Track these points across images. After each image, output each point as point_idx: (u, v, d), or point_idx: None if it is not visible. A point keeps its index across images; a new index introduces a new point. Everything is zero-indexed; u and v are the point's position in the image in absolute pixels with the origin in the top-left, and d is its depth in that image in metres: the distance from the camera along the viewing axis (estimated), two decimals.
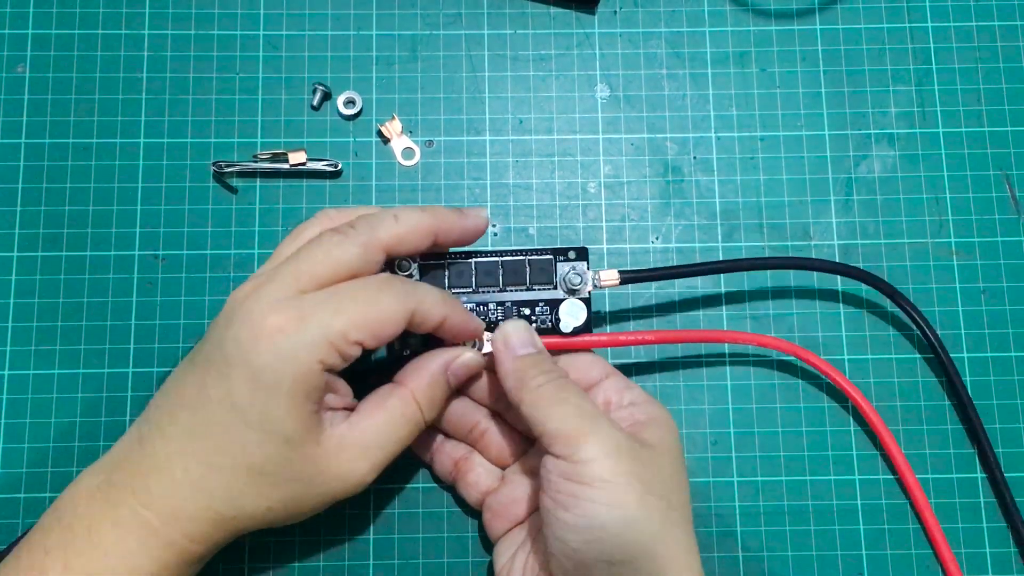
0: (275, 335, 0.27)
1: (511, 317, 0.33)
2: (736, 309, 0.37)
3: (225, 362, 0.28)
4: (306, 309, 0.28)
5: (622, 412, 0.31)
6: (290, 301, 0.28)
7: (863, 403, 0.35)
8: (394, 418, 0.30)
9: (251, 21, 0.39)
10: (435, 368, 0.31)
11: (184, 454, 0.28)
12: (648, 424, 0.31)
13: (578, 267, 0.34)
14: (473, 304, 0.33)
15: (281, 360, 0.27)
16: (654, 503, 0.28)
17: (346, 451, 0.29)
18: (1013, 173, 0.38)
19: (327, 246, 0.29)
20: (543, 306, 0.34)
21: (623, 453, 0.28)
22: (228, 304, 0.29)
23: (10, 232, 0.37)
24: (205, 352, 0.29)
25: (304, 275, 0.28)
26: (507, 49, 0.39)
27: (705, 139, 0.39)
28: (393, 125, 0.38)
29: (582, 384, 0.32)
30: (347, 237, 0.29)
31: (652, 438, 0.30)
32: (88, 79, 0.38)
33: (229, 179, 0.38)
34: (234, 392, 0.28)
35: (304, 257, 0.29)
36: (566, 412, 0.29)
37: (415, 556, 0.35)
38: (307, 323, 0.27)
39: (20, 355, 0.36)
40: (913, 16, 0.40)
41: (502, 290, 0.34)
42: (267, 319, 0.27)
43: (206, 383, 0.28)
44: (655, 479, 0.28)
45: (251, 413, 0.28)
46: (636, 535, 0.27)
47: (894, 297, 0.36)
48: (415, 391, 0.31)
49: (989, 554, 0.35)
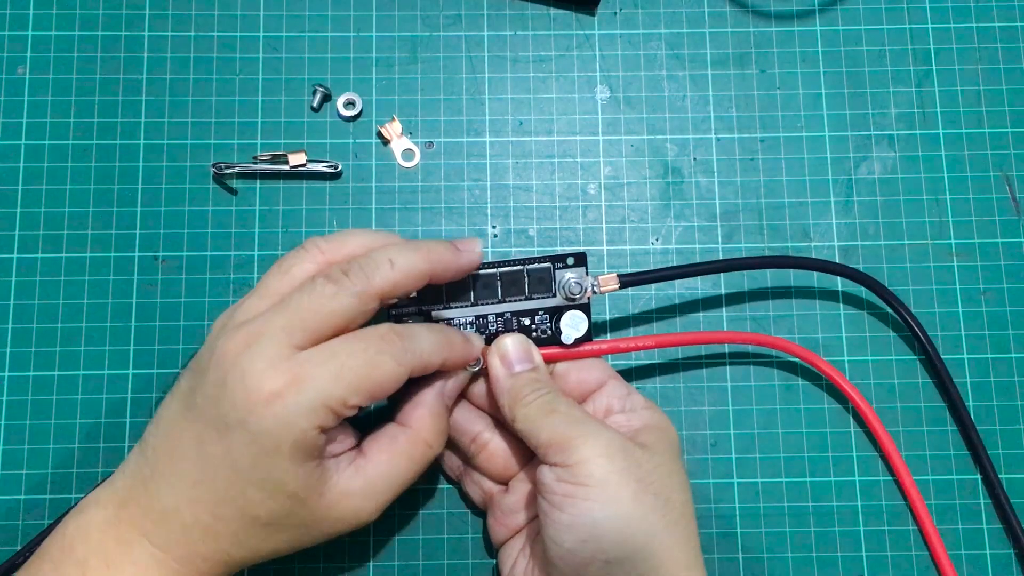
0: (273, 401, 0.27)
1: (511, 330, 0.33)
2: (736, 310, 0.37)
3: (223, 423, 0.27)
4: (303, 372, 0.27)
5: (620, 417, 0.32)
6: (286, 362, 0.27)
7: (863, 405, 0.35)
8: (402, 461, 0.30)
9: (251, 23, 0.39)
10: (434, 401, 0.31)
11: (191, 504, 0.28)
12: (644, 429, 0.31)
13: (577, 274, 0.33)
14: (472, 317, 0.33)
15: (279, 426, 0.27)
16: (650, 501, 0.28)
17: (352, 498, 0.29)
18: (1013, 174, 0.38)
19: (321, 298, 0.28)
20: (543, 315, 0.33)
21: (616, 453, 0.28)
22: (219, 353, 0.28)
23: (10, 233, 0.37)
24: (200, 406, 0.28)
25: (297, 330, 0.28)
26: (507, 50, 0.39)
27: (705, 140, 0.39)
28: (393, 126, 0.38)
29: (584, 388, 0.33)
30: (341, 287, 0.28)
31: (648, 440, 0.30)
32: (88, 81, 0.38)
33: (229, 180, 0.38)
34: (234, 453, 0.27)
35: (295, 307, 0.28)
36: (556, 421, 0.29)
37: (415, 557, 0.35)
38: (304, 388, 0.27)
39: (20, 356, 0.36)
40: (913, 17, 0.40)
41: (501, 301, 0.33)
42: (263, 384, 0.27)
43: (204, 440, 0.28)
44: (651, 478, 0.28)
45: (253, 474, 0.27)
46: (632, 532, 0.28)
47: (883, 295, 0.36)
48: (423, 433, 0.31)
49: (989, 555, 0.35)
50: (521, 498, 0.32)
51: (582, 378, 0.33)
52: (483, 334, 0.33)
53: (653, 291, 0.37)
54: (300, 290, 0.29)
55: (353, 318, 0.29)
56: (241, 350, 0.27)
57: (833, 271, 0.36)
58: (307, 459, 0.28)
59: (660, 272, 0.34)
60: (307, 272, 0.30)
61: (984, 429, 0.36)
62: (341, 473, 0.29)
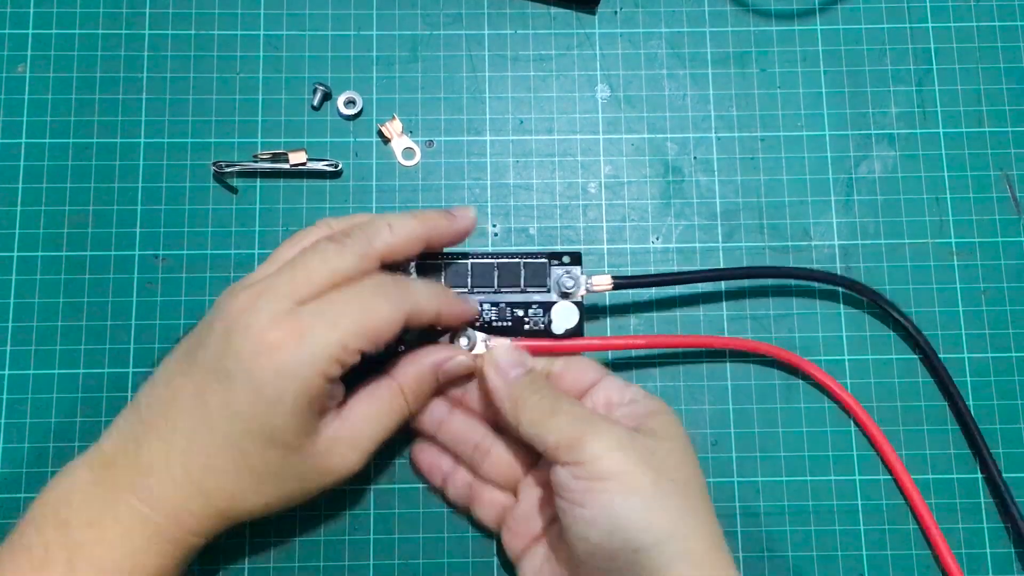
0: (276, 351, 0.27)
1: (505, 319, 0.34)
2: (737, 309, 0.37)
3: (225, 374, 0.28)
4: (305, 323, 0.28)
5: (623, 410, 0.31)
6: (288, 315, 0.28)
7: (853, 403, 0.35)
8: (383, 410, 0.31)
9: (251, 21, 0.39)
10: (426, 364, 0.32)
11: (184, 456, 0.29)
12: (649, 416, 0.31)
13: (572, 271, 0.34)
14: None
15: (283, 376, 0.28)
16: (669, 486, 0.28)
17: (339, 445, 0.30)
18: (1013, 173, 0.38)
19: (323, 255, 0.29)
20: (536, 308, 0.34)
21: (627, 445, 0.28)
22: (225, 311, 0.29)
23: (10, 232, 0.37)
24: (201, 360, 0.29)
25: (301, 286, 0.29)
26: (507, 49, 0.39)
27: (705, 139, 0.39)
28: (393, 125, 0.38)
29: (579, 387, 0.33)
30: (343, 247, 0.29)
31: (655, 427, 0.30)
32: (88, 79, 0.38)
33: (229, 179, 0.38)
34: (235, 403, 0.28)
35: (300, 266, 0.29)
36: (561, 422, 0.29)
37: (415, 556, 0.35)
38: (307, 338, 0.28)
39: (20, 355, 0.36)
40: (913, 16, 0.40)
41: (497, 291, 0.34)
42: (267, 335, 0.28)
43: (205, 391, 0.28)
44: (666, 464, 0.29)
45: (252, 423, 0.28)
46: (656, 517, 0.28)
47: (877, 301, 0.36)
48: (404, 385, 0.32)
49: (990, 554, 0.35)
50: (534, 504, 0.32)
51: (577, 377, 0.33)
52: (477, 322, 0.34)
53: (654, 289, 0.37)
54: (305, 252, 0.30)
55: (354, 278, 0.30)
56: (246, 306, 0.28)
57: (821, 279, 0.36)
58: (307, 410, 0.28)
59: (653, 278, 0.36)
60: (313, 240, 0.31)
61: (985, 428, 0.36)
62: (330, 424, 0.30)
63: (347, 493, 0.35)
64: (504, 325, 0.34)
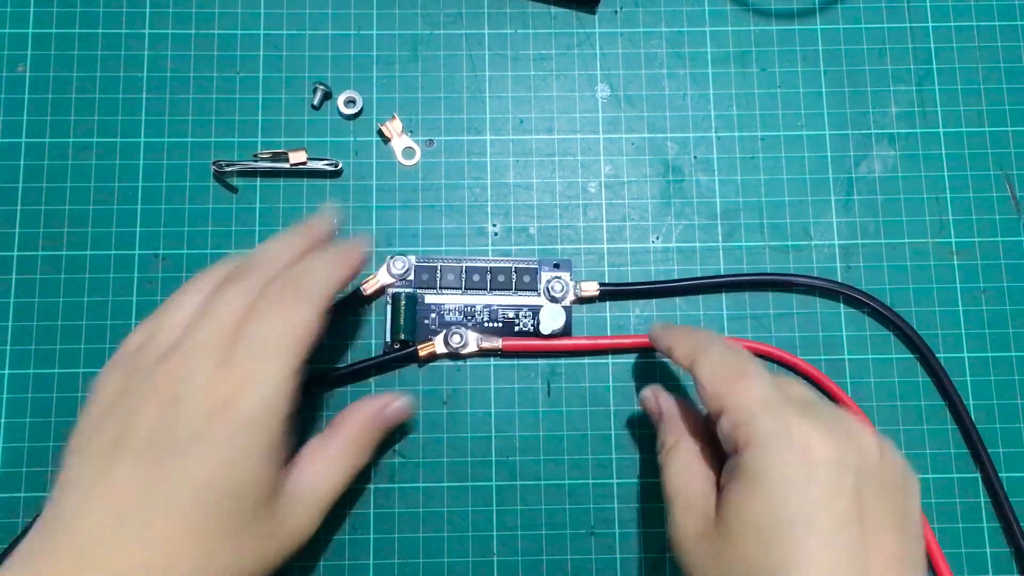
0: (230, 406, 0.26)
1: (496, 321, 0.36)
2: (737, 308, 0.37)
3: (177, 450, 0.26)
4: (245, 367, 0.27)
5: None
6: (225, 366, 0.27)
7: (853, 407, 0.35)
8: (332, 467, 0.31)
9: (251, 20, 0.39)
10: (370, 414, 0.32)
11: (144, 549, 0.25)
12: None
13: (561, 277, 0.36)
14: (461, 305, 0.36)
15: (245, 428, 0.26)
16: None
17: (299, 503, 0.29)
18: (1014, 173, 0.38)
19: (232, 302, 0.28)
20: (526, 311, 0.36)
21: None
22: (149, 388, 0.27)
23: (10, 231, 0.37)
24: (135, 447, 0.26)
25: (221, 336, 0.27)
26: (508, 49, 0.39)
27: (706, 139, 0.39)
28: (393, 124, 0.38)
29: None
30: (245, 283, 0.29)
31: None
32: (88, 78, 0.38)
33: (229, 178, 0.38)
34: (195, 475, 0.26)
35: (213, 318, 0.28)
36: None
37: (415, 556, 0.35)
38: (254, 380, 0.27)
39: (20, 354, 0.36)
40: (914, 16, 0.40)
41: (489, 294, 0.36)
42: (216, 392, 0.26)
43: (152, 478, 0.25)
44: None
45: (219, 489, 0.26)
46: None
47: (875, 307, 0.36)
48: (349, 438, 0.31)
49: (989, 554, 0.35)
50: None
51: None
52: (469, 322, 0.36)
53: (654, 287, 0.37)
54: (211, 302, 0.29)
55: (253, 295, 0.29)
56: (177, 375, 0.27)
57: (815, 288, 0.37)
58: (273, 456, 0.27)
59: (639, 286, 0.36)
60: (197, 302, 0.29)
61: (984, 428, 0.36)
62: (287, 481, 0.29)
63: (348, 492, 0.35)
64: (495, 326, 0.36)
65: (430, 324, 0.36)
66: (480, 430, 0.36)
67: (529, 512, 0.35)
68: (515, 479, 0.36)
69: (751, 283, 0.37)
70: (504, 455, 0.36)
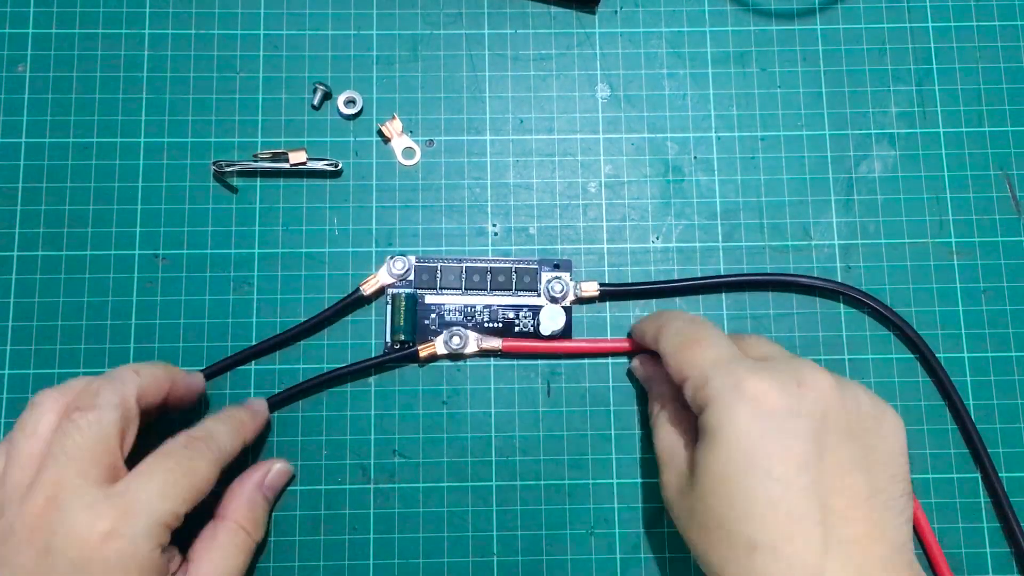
0: (110, 539, 0.27)
1: (496, 321, 0.36)
2: (737, 308, 0.37)
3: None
4: (129, 502, 0.27)
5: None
6: (105, 501, 0.27)
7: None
8: (228, 553, 0.31)
9: (251, 20, 0.39)
10: (250, 489, 0.33)
11: None
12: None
13: (561, 278, 0.36)
14: (461, 305, 0.36)
15: (124, 559, 0.27)
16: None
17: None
18: (1013, 173, 0.38)
19: (88, 429, 0.28)
20: (526, 311, 0.36)
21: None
22: (22, 529, 0.27)
23: (10, 231, 0.37)
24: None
25: (91, 469, 0.28)
26: (508, 49, 0.39)
27: (706, 139, 0.39)
28: (393, 124, 0.38)
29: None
30: (98, 409, 0.29)
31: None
32: (88, 78, 0.38)
33: (229, 178, 0.38)
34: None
35: (75, 451, 0.28)
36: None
37: (415, 556, 0.35)
38: (137, 515, 0.27)
39: (20, 354, 0.36)
40: (914, 16, 0.40)
41: (489, 294, 0.36)
42: (95, 527, 0.27)
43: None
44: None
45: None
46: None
47: (875, 307, 0.36)
48: (239, 520, 0.32)
49: (989, 554, 0.35)
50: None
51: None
52: (470, 322, 0.36)
53: (655, 287, 0.37)
54: (61, 435, 0.28)
55: (124, 429, 0.29)
56: (51, 512, 0.27)
57: (815, 288, 0.37)
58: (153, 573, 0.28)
59: (639, 287, 0.36)
60: (52, 423, 0.29)
61: (984, 428, 0.36)
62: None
63: (347, 492, 0.35)
64: (495, 326, 0.36)
65: (430, 324, 0.36)
66: (480, 430, 0.36)
67: (529, 512, 0.35)
68: (515, 479, 0.36)
69: (752, 283, 0.37)
70: (504, 455, 0.36)
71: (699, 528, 0.27)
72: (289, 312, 0.36)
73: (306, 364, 0.36)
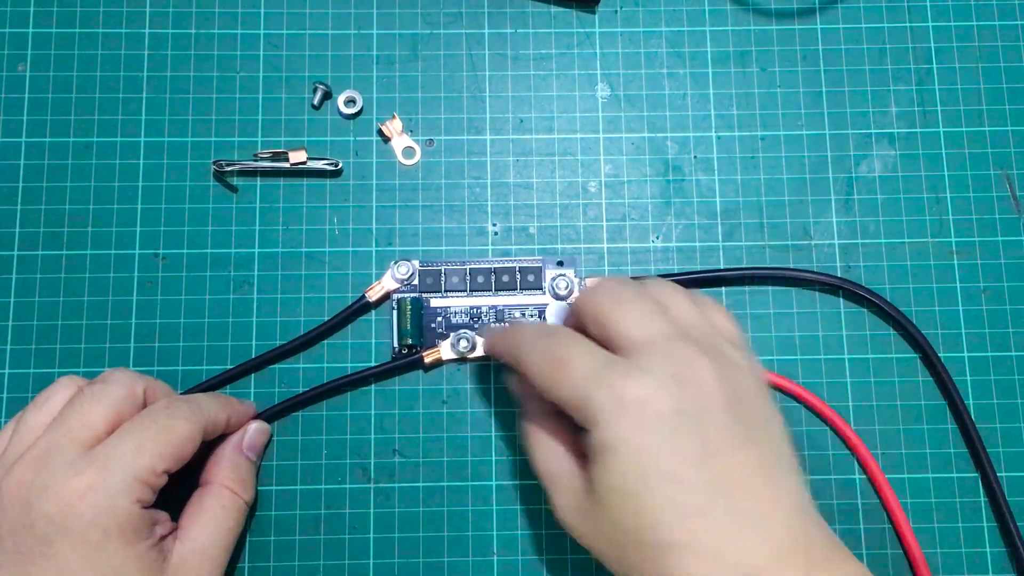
0: (86, 494, 0.27)
1: (502, 322, 0.36)
2: (737, 308, 0.37)
3: (43, 543, 0.27)
4: (105, 458, 0.28)
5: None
6: (83, 459, 0.28)
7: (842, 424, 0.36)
8: (217, 515, 0.31)
9: (252, 20, 0.39)
10: (231, 454, 0.33)
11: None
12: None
13: (565, 275, 0.36)
14: (467, 307, 0.36)
15: (102, 513, 0.27)
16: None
17: (188, 566, 0.30)
18: (1014, 172, 0.38)
19: (91, 400, 0.29)
20: (532, 310, 0.36)
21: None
22: (7, 490, 0.28)
23: (10, 231, 0.37)
24: (4, 546, 0.27)
25: (81, 432, 0.29)
26: (508, 48, 0.39)
27: (706, 138, 0.39)
28: (394, 124, 0.38)
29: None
30: (106, 385, 0.30)
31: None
32: (89, 78, 0.38)
33: (229, 178, 0.38)
34: (66, 566, 0.27)
35: (73, 417, 0.29)
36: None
37: (415, 556, 0.35)
38: (112, 470, 0.28)
39: (20, 354, 0.36)
40: (914, 16, 0.40)
41: (494, 294, 0.36)
42: (71, 484, 0.27)
43: (24, 571, 0.27)
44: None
45: (91, 573, 0.27)
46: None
47: (876, 302, 0.36)
48: (224, 482, 0.32)
49: (989, 553, 0.35)
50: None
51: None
52: (476, 324, 0.36)
53: None
54: (68, 406, 0.30)
55: (125, 409, 0.30)
56: (34, 474, 0.28)
57: (819, 283, 0.37)
58: (138, 539, 0.28)
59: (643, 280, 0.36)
60: (63, 399, 0.30)
61: (984, 427, 0.36)
62: (171, 551, 0.30)
63: (347, 492, 0.35)
64: (502, 327, 0.36)
65: (436, 328, 0.36)
66: (480, 430, 0.36)
67: (529, 512, 0.35)
68: (515, 479, 0.36)
69: (755, 276, 0.37)
70: (504, 455, 0.36)
71: (607, 542, 0.27)
72: (289, 312, 0.36)
73: (306, 364, 0.36)
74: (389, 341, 0.36)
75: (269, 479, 0.35)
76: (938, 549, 0.35)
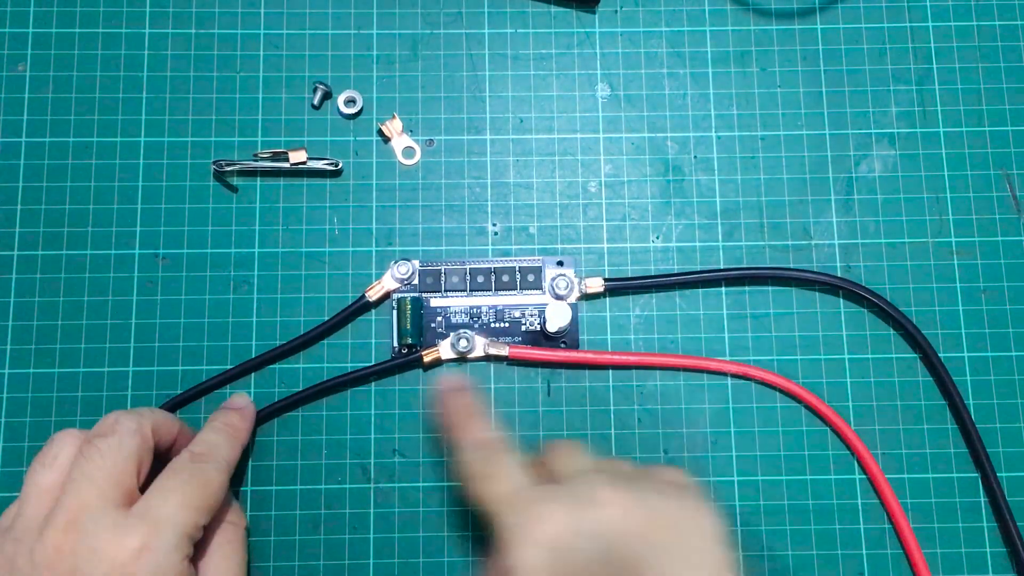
0: (141, 555, 0.27)
1: (502, 321, 0.36)
2: (737, 308, 0.37)
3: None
4: (153, 518, 0.28)
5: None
6: (129, 519, 0.27)
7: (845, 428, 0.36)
8: (228, 554, 0.31)
9: (252, 20, 0.39)
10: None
11: None
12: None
13: (565, 274, 0.36)
14: (466, 307, 0.36)
15: (157, 574, 0.27)
16: None
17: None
18: (1014, 172, 0.38)
19: (109, 454, 0.28)
20: (532, 309, 0.36)
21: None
22: (46, 558, 0.27)
23: (10, 231, 0.37)
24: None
25: (111, 490, 0.28)
26: (508, 48, 0.39)
27: (706, 138, 0.39)
28: (394, 124, 0.38)
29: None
30: (118, 435, 0.29)
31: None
32: (89, 78, 0.38)
33: (229, 178, 0.38)
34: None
35: (95, 475, 0.28)
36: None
37: (415, 556, 0.35)
38: (162, 529, 0.27)
39: (20, 354, 0.36)
40: (914, 16, 0.40)
41: (494, 294, 0.36)
42: (125, 545, 0.27)
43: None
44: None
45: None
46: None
47: (876, 302, 0.36)
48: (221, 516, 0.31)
49: (989, 554, 0.35)
50: None
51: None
52: (476, 323, 0.36)
53: (654, 288, 0.37)
54: (82, 460, 0.28)
55: (144, 456, 0.29)
56: (74, 539, 0.27)
57: (819, 283, 0.37)
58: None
59: (643, 280, 0.36)
60: (70, 455, 0.29)
61: (984, 428, 0.36)
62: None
63: (347, 492, 0.35)
64: (502, 326, 0.36)
65: (436, 327, 0.36)
66: None
67: None
68: None
69: (755, 276, 0.37)
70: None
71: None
72: (289, 312, 0.36)
73: (306, 364, 0.36)
74: (389, 341, 0.36)
75: (269, 479, 0.35)
76: (938, 549, 0.35)
